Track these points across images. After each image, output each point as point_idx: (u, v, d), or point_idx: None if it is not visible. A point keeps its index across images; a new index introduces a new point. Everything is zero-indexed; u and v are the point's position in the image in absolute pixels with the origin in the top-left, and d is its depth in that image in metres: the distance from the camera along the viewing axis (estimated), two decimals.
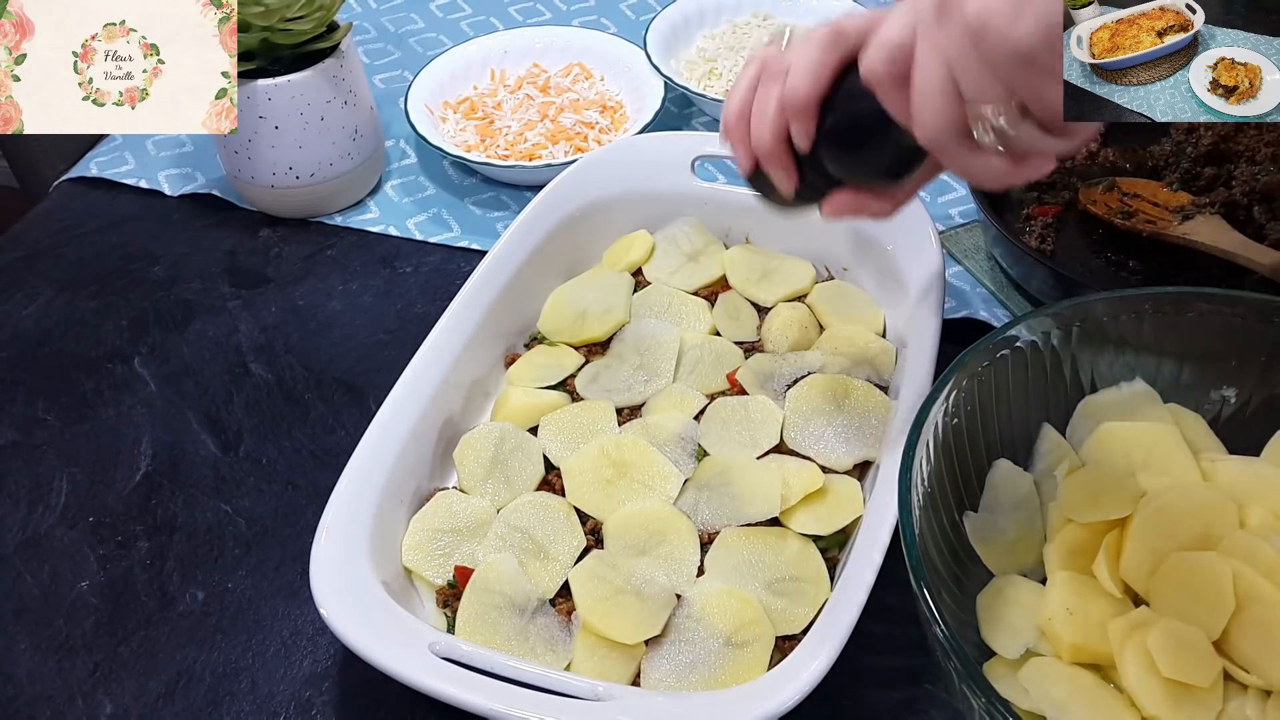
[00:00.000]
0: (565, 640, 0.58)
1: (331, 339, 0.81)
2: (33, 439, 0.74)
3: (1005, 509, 0.59)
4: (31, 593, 0.65)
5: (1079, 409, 0.62)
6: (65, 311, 0.84)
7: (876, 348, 0.71)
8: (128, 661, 0.62)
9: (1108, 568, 0.55)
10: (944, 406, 0.55)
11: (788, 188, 0.54)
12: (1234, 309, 0.58)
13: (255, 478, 0.71)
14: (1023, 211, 0.81)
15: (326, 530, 0.58)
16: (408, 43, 1.11)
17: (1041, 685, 0.52)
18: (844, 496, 0.62)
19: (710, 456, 0.65)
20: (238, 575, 0.66)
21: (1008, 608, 0.55)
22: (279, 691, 0.60)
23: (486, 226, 0.89)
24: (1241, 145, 0.80)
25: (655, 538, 0.61)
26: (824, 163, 0.52)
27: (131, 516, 0.69)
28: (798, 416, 0.66)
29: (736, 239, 0.80)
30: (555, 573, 0.60)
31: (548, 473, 0.66)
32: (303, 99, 0.83)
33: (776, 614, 0.58)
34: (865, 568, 0.54)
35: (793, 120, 0.51)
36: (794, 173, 0.53)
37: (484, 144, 0.94)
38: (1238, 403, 0.60)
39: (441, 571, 0.61)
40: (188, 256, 0.88)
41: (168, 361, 0.79)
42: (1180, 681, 0.50)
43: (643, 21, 1.08)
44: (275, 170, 0.86)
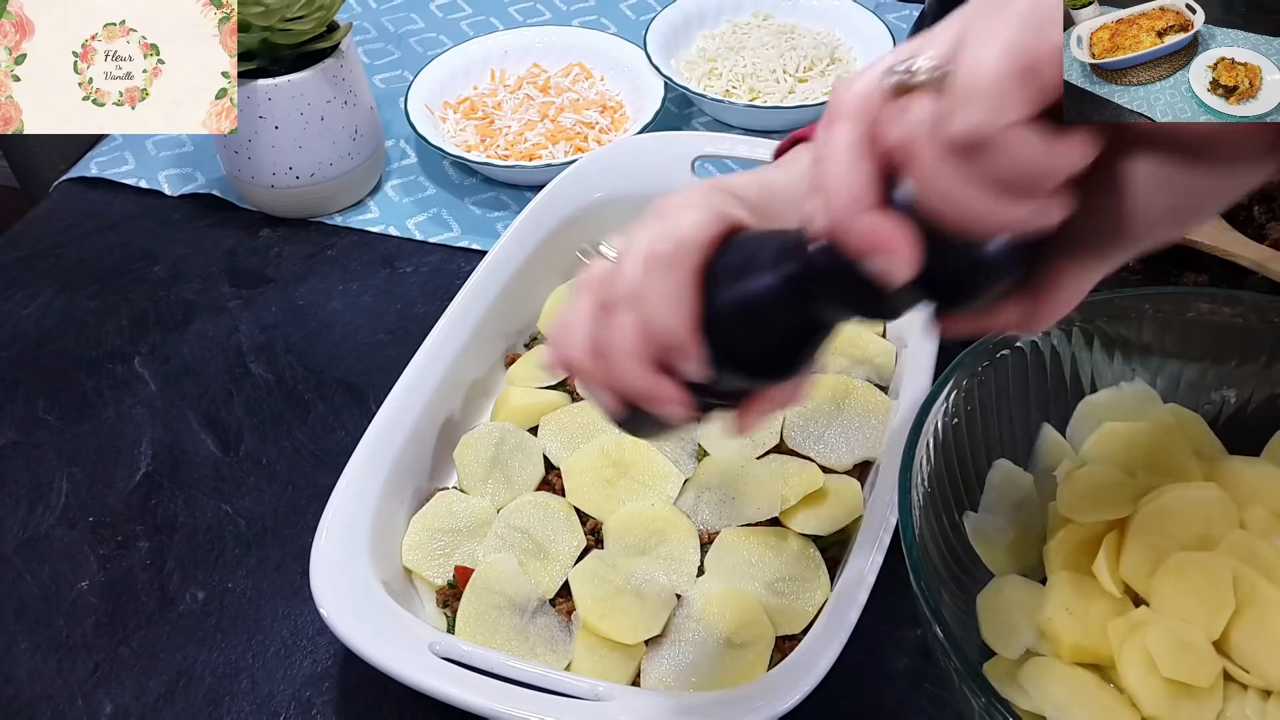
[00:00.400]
0: (565, 640, 0.58)
1: (331, 339, 0.81)
2: (33, 439, 0.74)
3: (1005, 509, 0.59)
4: (31, 593, 0.65)
5: (1079, 409, 0.62)
6: (65, 311, 0.84)
7: (876, 348, 0.71)
8: (128, 661, 0.62)
9: (1108, 568, 0.55)
10: (944, 406, 0.55)
11: (683, 420, 0.44)
12: (1234, 309, 0.58)
13: (255, 478, 0.71)
14: None
15: (326, 530, 0.58)
16: (408, 43, 1.11)
17: (1041, 685, 0.52)
18: (844, 496, 0.62)
19: (710, 456, 0.65)
20: (238, 575, 0.66)
21: (1008, 608, 0.55)
22: (279, 691, 0.60)
23: (486, 226, 0.89)
24: None
25: (655, 538, 0.61)
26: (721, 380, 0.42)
27: (131, 516, 0.69)
28: (798, 416, 0.66)
29: None
30: (555, 573, 0.60)
31: (548, 473, 0.66)
32: (303, 99, 0.83)
33: (776, 614, 0.58)
34: (865, 568, 0.54)
35: (677, 359, 0.41)
36: (688, 399, 0.42)
37: (484, 144, 0.94)
38: (1238, 403, 0.60)
39: (441, 571, 0.61)
40: (188, 256, 0.88)
41: (168, 361, 0.79)
42: (1180, 681, 0.50)
43: (643, 21, 1.08)
44: (275, 170, 0.86)
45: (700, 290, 0.41)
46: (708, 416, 0.45)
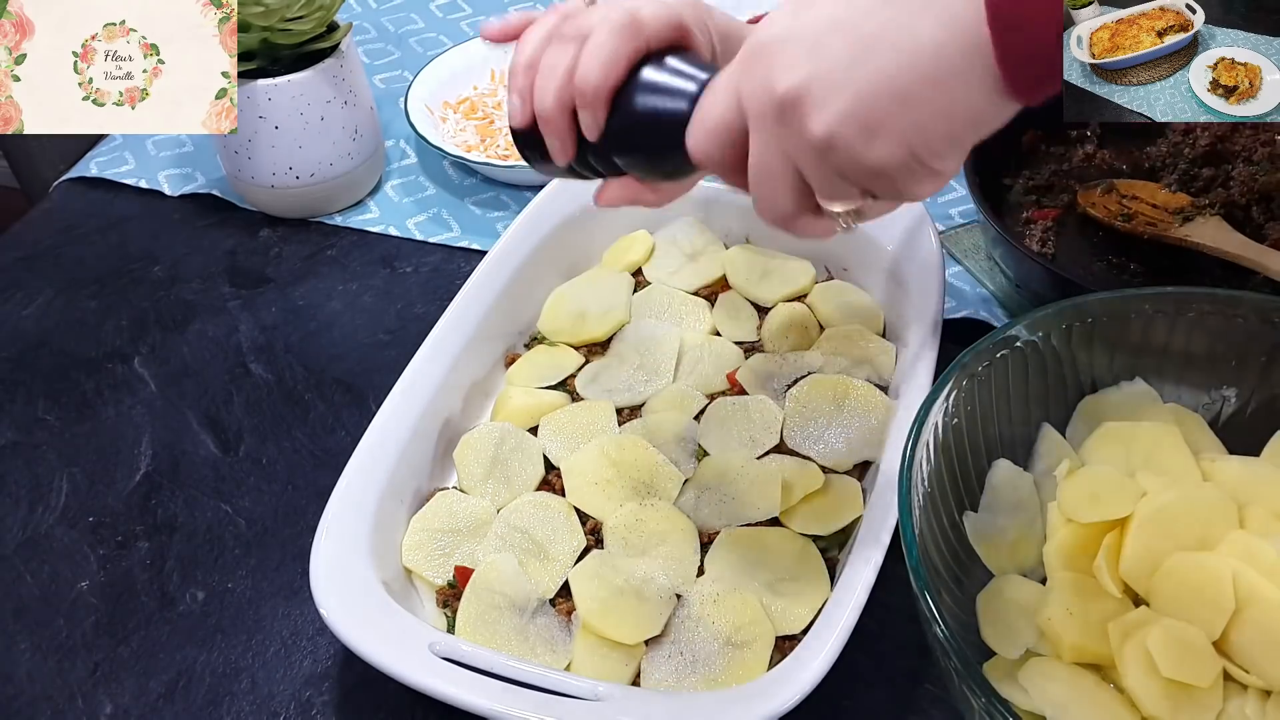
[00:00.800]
0: (565, 640, 0.58)
1: (331, 339, 0.81)
2: (33, 439, 0.74)
3: (1005, 509, 0.59)
4: (31, 593, 0.65)
5: (1079, 409, 0.62)
6: (65, 311, 0.84)
7: (876, 348, 0.71)
8: (128, 661, 0.62)
9: (1108, 568, 0.55)
10: (944, 406, 0.55)
11: (561, 160, 0.52)
12: (1234, 309, 0.58)
13: (255, 478, 0.71)
14: (1022, 215, 0.81)
15: (326, 530, 0.58)
16: (408, 43, 1.11)
17: (1041, 685, 0.52)
18: (844, 496, 0.62)
19: (710, 456, 0.65)
20: (238, 575, 0.66)
21: (1008, 608, 0.55)
22: (279, 691, 0.60)
23: (486, 226, 0.89)
24: (1239, 146, 0.80)
25: (655, 538, 0.61)
26: (607, 152, 0.50)
27: (131, 516, 0.69)
28: (798, 416, 0.66)
29: (736, 239, 0.80)
30: (555, 573, 0.60)
31: (548, 473, 0.66)
32: (303, 99, 0.83)
33: (776, 614, 0.58)
34: (865, 568, 0.54)
35: (581, 106, 0.49)
36: (572, 147, 0.51)
37: (484, 144, 0.94)
38: (1238, 403, 0.60)
39: (441, 571, 0.61)
40: (188, 256, 0.88)
41: (168, 361, 0.79)
42: (1180, 681, 0.50)
43: None
44: (275, 170, 0.86)
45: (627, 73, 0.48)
46: (580, 172, 0.53)
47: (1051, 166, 0.84)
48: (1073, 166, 0.84)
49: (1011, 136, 0.85)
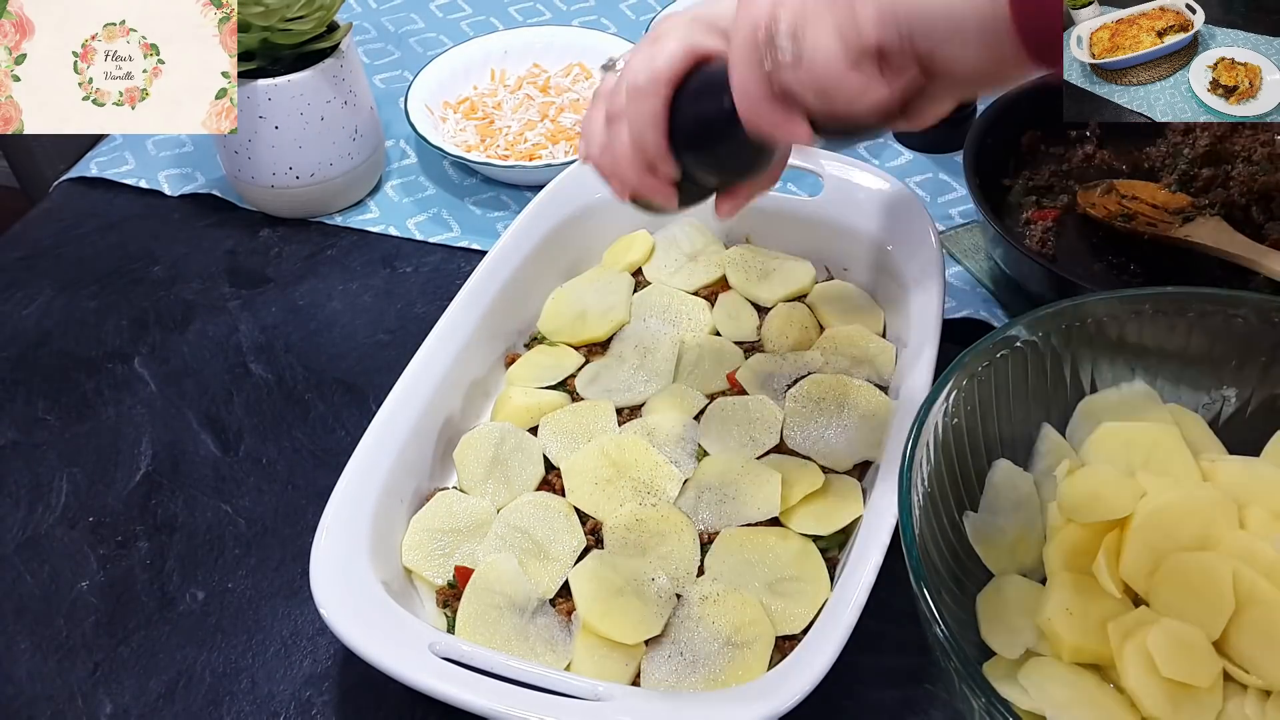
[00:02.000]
0: (565, 640, 0.58)
1: (331, 339, 0.81)
2: (33, 439, 0.74)
3: (1005, 509, 0.59)
4: (31, 593, 0.65)
5: (1079, 409, 0.62)
6: (65, 311, 0.84)
7: (876, 348, 0.71)
8: (128, 661, 0.62)
9: (1108, 568, 0.55)
10: (944, 406, 0.55)
11: (673, 206, 0.56)
12: (1234, 309, 0.58)
13: (255, 478, 0.71)
14: (1022, 215, 0.81)
15: (326, 530, 0.58)
16: (408, 43, 1.11)
17: (1041, 685, 0.52)
18: (844, 496, 0.62)
19: (710, 456, 0.65)
20: (238, 575, 0.66)
21: (1008, 608, 0.55)
22: (279, 691, 0.60)
23: (486, 226, 0.89)
24: (1238, 146, 0.80)
25: (655, 538, 0.61)
26: (696, 179, 0.55)
27: (131, 516, 0.69)
28: (798, 416, 0.67)
29: (736, 239, 0.80)
30: (555, 573, 0.60)
31: (548, 473, 0.66)
32: (303, 99, 0.83)
33: (776, 614, 0.58)
34: (865, 568, 0.54)
35: (655, 165, 0.53)
36: (672, 195, 0.55)
37: (484, 144, 0.94)
38: (1238, 403, 0.60)
39: (441, 571, 0.61)
40: (188, 256, 0.88)
41: (168, 361, 0.79)
42: (1180, 681, 0.50)
43: (643, 21, 1.08)
44: (275, 170, 0.86)
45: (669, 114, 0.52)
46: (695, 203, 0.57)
47: (1051, 167, 0.84)
48: (1073, 167, 0.84)
49: (1011, 137, 0.85)
